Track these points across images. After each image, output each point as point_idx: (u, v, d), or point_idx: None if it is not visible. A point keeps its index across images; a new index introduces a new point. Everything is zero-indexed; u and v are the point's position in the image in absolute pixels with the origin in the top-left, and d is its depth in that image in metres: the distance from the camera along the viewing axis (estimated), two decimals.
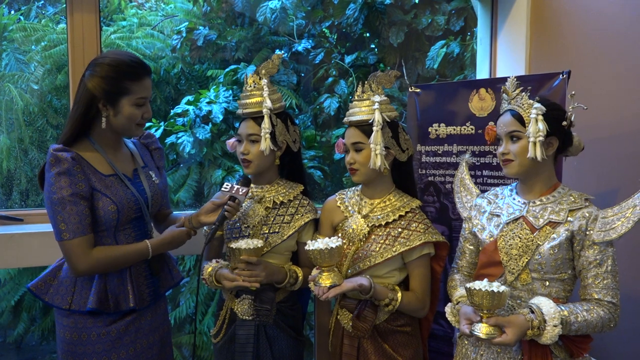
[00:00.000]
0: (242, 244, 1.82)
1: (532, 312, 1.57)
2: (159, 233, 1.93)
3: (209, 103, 4.12)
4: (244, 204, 1.99)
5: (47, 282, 1.76)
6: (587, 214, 1.65)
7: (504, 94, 1.75)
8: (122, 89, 1.67)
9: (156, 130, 4.00)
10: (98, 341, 1.71)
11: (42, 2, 4.56)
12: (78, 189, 1.64)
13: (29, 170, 4.15)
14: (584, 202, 1.69)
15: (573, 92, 1.75)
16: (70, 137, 1.71)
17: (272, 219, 1.97)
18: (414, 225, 1.86)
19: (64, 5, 2.48)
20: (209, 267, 1.92)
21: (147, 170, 1.88)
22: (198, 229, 1.86)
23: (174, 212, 2.07)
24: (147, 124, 4.15)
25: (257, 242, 1.83)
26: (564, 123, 1.67)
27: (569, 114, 1.68)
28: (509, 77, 1.78)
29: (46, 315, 4.26)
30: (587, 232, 1.64)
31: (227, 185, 1.87)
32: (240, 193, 1.84)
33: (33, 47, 4.26)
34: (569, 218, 1.66)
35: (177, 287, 2.65)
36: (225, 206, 1.81)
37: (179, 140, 3.97)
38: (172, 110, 4.18)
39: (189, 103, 4.14)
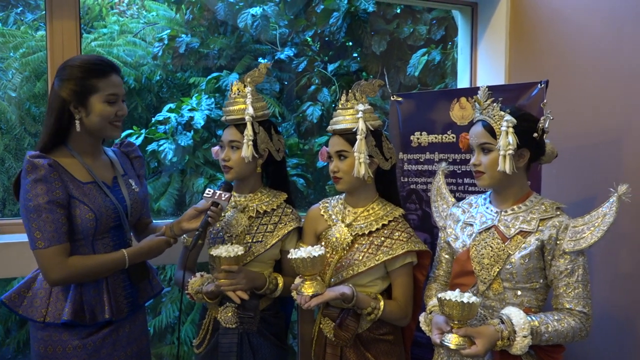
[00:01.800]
0: (222, 251, 1.81)
1: (502, 322, 1.57)
2: (138, 242, 1.90)
3: (190, 110, 4.11)
4: (227, 214, 1.98)
5: (21, 294, 1.71)
6: (557, 223, 1.66)
7: (475, 104, 1.76)
8: (90, 87, 1.66)
9: (137, 138, 3.96)
10: (74, 354, 1.67)
11: (21, 8, 4.49)
12: (55, 196, 1.61)
13: (5, 179, 4.07)
14: (555, 211, 1.69)
15: (545, 101, 1.77)
16: (47, 144, 1.69)
17: (256, 228, 1.96)
18: (396, 234, 1.87)
19: (44, 12, 2.44)
20: (195, 282, 1.90)
21: (127, 178, 1.86)
22: (179, 237, 1.84)
23: (155, 221, 2.04)
24: (127, 131, 4.11)
25: (238, 249, 1.82)
26: (535, 135, 1.67)
27: (540, 124, 1.68)
28: (482, 86, 1.79)
29: (22, 328, 4.16)
30: (558, 242, 1.64)
31: (209, 191, 1.85)
32: (223, 198, 1.82)
33: (11, 54, 4.19)
34: (539, 227, 1.67)
35: (158, 296, 2.61)
36: (208, 212, 1.79)
37: (161, 148, 3.94)
38: (153, 118, 4.15)
39: (170, 111, 4.11)
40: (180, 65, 4.47)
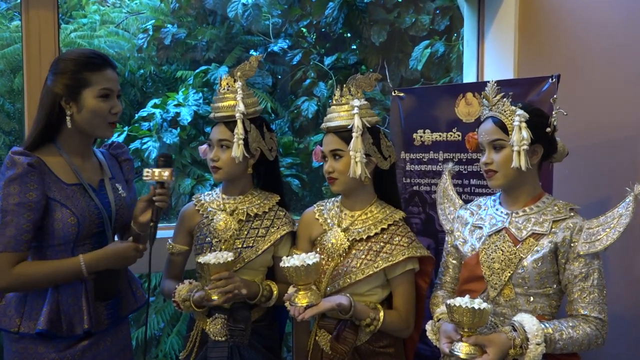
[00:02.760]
0: (211, 258, 1.80)
1: (515, 329, 1.58)
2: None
3: (177, 106, 4.10)
4: (214, 217, 1.97)
5: None
6: (571, 225, 1.67)
7: (484, 100, 1.77)
8: (82, 81, 1.68)
9: (119, 136, 3.96)
10: None
11: None
12: (27, 198, 1.61)
13: None
14: (569, 212, 1.71)
15: (555, 96, 1.78)
16: (35, 141, 1.69)
17: (246, 232, 1.96)
18: (397, 239, 1.86)
19: (18, 1, 2.43)
20: (182, 289, 1.90)
21: (115, 182, 1.86)
22: (144, 239, 1.80)
23: None
24: None
25: (227, 255, 1.82)
26: (548, 129, 1.70)
27: (552, 119, 1.71)
28: (490, 81, 1.79)
29: None
30: (572, 244, 1.66)
31: (147, 172, 1.78)
32: (165, 176, 1.77)
33: None
34: (552, 229, 1.68)
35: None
36: (155, 197, 1.76)
37: (144, 146, 3.93)
38: (136, 114, 4.14)
39: (155, 106, 4.10)
40: (165, 58, 4.46)
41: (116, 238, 1.86)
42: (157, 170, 1.76)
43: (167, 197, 1.77)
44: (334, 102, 1.90)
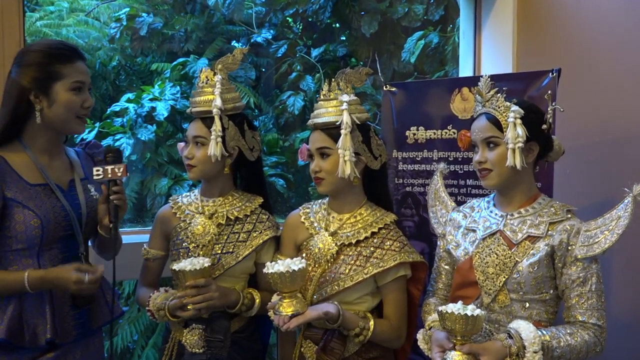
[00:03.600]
0: (187, 264, 1.80)
1: (510, 337, 1.59)
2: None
3: (152, 100, 4.08)
4: (191, 221, 1.97)
5: None
6: (568, 227, 1.69)
7: (477, 96, 1.79)
8: (53, 73, 1.68)
9: (90, 132, 3.92)
10: None
11: None
12: None
13: None
14: (566, 213, 1.73)
15: (549, 92, 1.80)
16: None
17: (226, 237, 1.96)
18: (388, 243, 1.87)
19: None
20: (157, 297, 1.89)
21: (87, 183, 1.85)
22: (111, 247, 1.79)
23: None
24: None
25: (204, 261, 1.82)
26: (544, 126, 1.72)
27: (548, 116, 1.73)
28: (483, 75, 1.81)
29: None
30: (569, 248, 1.68)
31: (97, 171, 1.75)
32: (118, 173, 1.75)
33: None
34: (549, 232, 1.70)
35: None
36: (111, 197, 1.75)
37: (117, 143, 3.91)
38: (108, 109, 4.12)
39: (129, 101, 4.08)
40: (140, 49, 4.43)
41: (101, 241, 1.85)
42: (109, 168, 1.74)
43: (123, 195, 1.77)
44: (322, 97, 1.91)
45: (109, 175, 1.74)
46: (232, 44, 4.55)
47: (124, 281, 3.92)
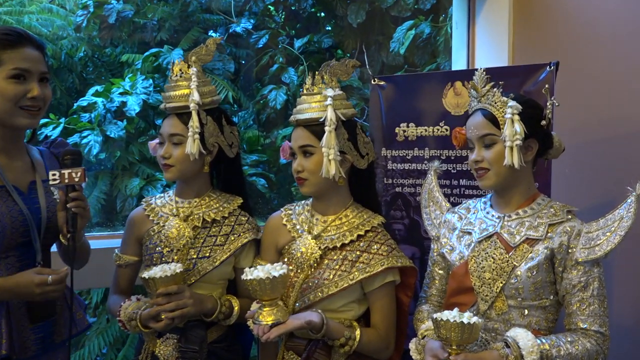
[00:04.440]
0: (157, 271, 1.80)
1: (508, 346, 1.61)
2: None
3: (123, 94, 4.05)
4: (165, 223, 1.97)
5: None
6: (568, 229, 1.72)
7: (472, 90, 1.80)
8: None
9: (54, 128, 3.89)
10: None
11: None
12: None
13: None
14: (566, 214, 1.75)
15: (547, 86, 1.82)
16: None
17: (202, 240, 1.96)
18: (375, 247, 1.88)
19: None
20: (129, 306, 1.89)
21: (49, 185, 1.81)
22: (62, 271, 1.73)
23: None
24: (44, 120, 4.03)
25: (176, 267, 1.82)
26: (543, 122, 1.74)
27: (547, 111, 1.75)
28: (478, 68, 1.82)
29: None
30: (570, 250, 1.70)
31: (53, 175, 1.71)
32: (76, 178, 1.72)
33: None
34: (548, 234, 1.72)
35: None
36: (69, 204, 1.72)
37: (84, 141, 3.87)
38: (75, 104, 4.08)
39: (97, 94, 4.05)
40: (109, 39, 4.40)
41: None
42: (66, 172, 1.70)
43: (83, 201, 1.73)
44: (305, 91, 1.92)
45: (66, 180, 1.70)
46: (209, 34, 4.53)
47: (92, 290, 3.90)
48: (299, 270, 1.89)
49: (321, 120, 1.83)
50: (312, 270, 1.87)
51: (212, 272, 1.94)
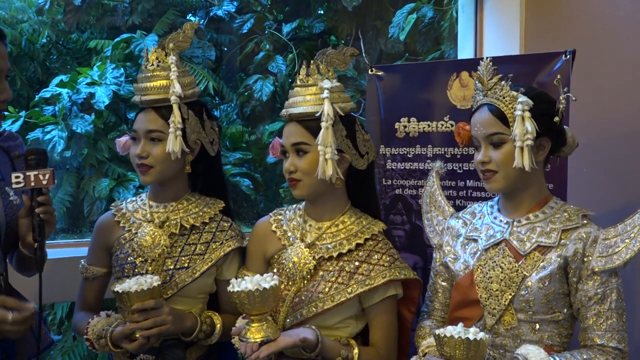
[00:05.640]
0: (132, 284, 1.78)
1: None
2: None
3: (90, 85, 4.02)
4: (138, 231, 1.96)
5: None
6: (584, 235, 1.72)
7: (477, 83, 1.80)
8: None
9: (13, 122, 3.86)
10: None
11: None
12: None
13: None
14: (581, 219, 1.76)
15: (559, 77, 1.82)
16: None
17: (180, 249, 1.96)
18: (375, 257, 1.88)
19: None
20: (97, 323, 1.88)
21: (4, 185, 1.82)
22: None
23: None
24: None
25: (152, 279, 1.81)
26: (556, 118, 1.74)
27: (560, 105, 1.74)
28: (485, 57, 1.82)
29: None
30: (585, 259, 1.71)
31: (17, 177, 1.70)
32: (44, 181, 1.72)
33: None
34: (562, 240, 1.73)
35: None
36: (36, 210, 1.72)
37: (47, 137, 3.85)
38: (37, 95, 4.05)
39: (62, 85, 4.02)
40: (75, 23, 4.37)
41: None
42: (32, 174, 1.70)
43: (51, 206, 1.73)
44: (299, 82, 1.91)
45: (32, 183, 1.69)
46: (188, 17, 4.52)
47: (56, 304, 3.87)
48: (290, 283, 1.88)
49: (317, 115, 1.83)
50: (305, 282, 1.88)
51: (192, 285, 1.93)
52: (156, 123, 1.91)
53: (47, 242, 1.90)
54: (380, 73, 2.61)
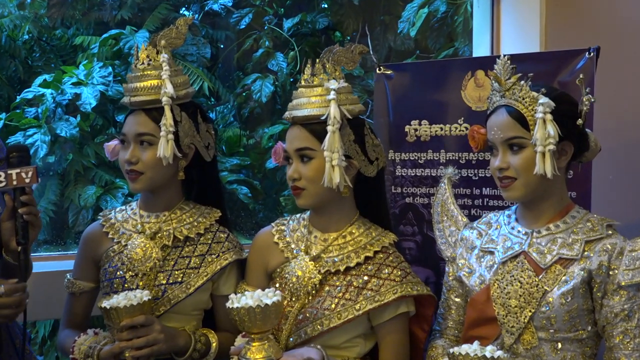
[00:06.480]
0: (121, 299, 1.78)
1: None
2: None
3: (76, 85, 4.04)
4: (128, 242, 1.97)
5: None
6: (609, 247, 1.72)
7: (494, 82, 1.80)
8: None
9: None
10: None
11: None
12: None
13: None
14: (606, 229, 1.75)
15: (581, 76, 1.81)
16: None
17: (173, 262, 1.96)
18: (386, 271, 1.88)
19: None
20: (84, 342, 1.89)
21: None
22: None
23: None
24: None
25: (143, 294, 1.81)
26: (579, 121, 1.73)
27: (583, 107, 1.73)
28: (502, 55, 1.82)
29: None
30: (611, 272, 1.71)
31: None
32: (27, 179, 1.73)
33: None
34: (585, 252, 1.73)
35: None
36: (19, 210, 1.73)
37: (29, 140, 3.85)
38: (18, 96, 4.06)
39: (45, 85, 4.03)
40: (60, 18, 4.39)
41: None
42: (14, 172, 1.72)
43: (35, 207, 1.74)
44: (303, 82, 1.92)
45: (14, 182, 1.71)
46: (181, 12, 4.53)
47: (38, 322, 3.87)
48: (293, 298, 1.88)
49: (322, 118, 1.83)
50: (310, 298, 1.88)
51: (186, 301, 1.94)
52: (147, 126, 1.92)
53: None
54: (389, 72, 2.61)
